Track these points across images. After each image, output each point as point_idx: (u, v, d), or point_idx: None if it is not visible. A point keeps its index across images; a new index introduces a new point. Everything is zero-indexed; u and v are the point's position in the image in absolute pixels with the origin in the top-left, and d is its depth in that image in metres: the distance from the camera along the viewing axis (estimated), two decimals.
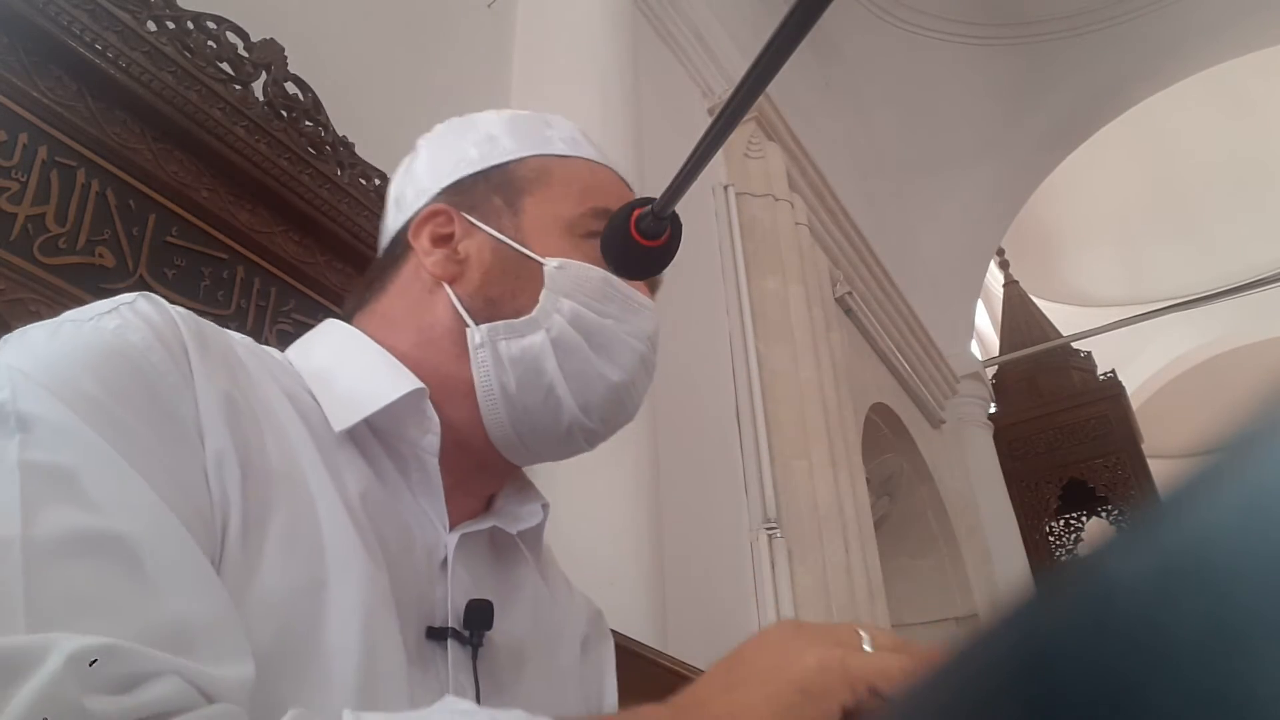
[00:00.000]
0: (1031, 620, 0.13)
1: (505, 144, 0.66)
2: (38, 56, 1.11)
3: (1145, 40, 4.58)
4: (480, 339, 0.58)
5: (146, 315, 0.47)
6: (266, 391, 0.52)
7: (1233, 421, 0.12)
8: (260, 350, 0.57)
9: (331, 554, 0.48)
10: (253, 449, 0.47)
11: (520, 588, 0.63)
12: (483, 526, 0.60)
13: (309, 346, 0.62)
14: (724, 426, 2.61)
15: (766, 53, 0.40)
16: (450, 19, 2.03)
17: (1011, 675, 0.12)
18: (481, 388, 0.58)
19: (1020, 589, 0.13)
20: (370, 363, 0.59)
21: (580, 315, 0.59)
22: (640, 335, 0.61)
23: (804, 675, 0.41)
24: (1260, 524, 0.11)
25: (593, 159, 0.67)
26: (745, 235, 2.96)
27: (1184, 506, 0.12)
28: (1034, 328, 5.71)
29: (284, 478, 0.48)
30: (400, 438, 0.57)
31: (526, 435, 0.59)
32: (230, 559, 0.43)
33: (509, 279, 0.60)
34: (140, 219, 1.19)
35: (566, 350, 0.58)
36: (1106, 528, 5.14)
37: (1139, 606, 0.11)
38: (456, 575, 0.56)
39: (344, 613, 0.46)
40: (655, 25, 2.89)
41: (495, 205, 0.63)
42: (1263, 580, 0.10)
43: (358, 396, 0.55)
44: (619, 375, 0.60)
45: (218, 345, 0.51)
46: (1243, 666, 0.10)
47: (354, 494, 0.52)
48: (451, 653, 0.53)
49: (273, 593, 0.44)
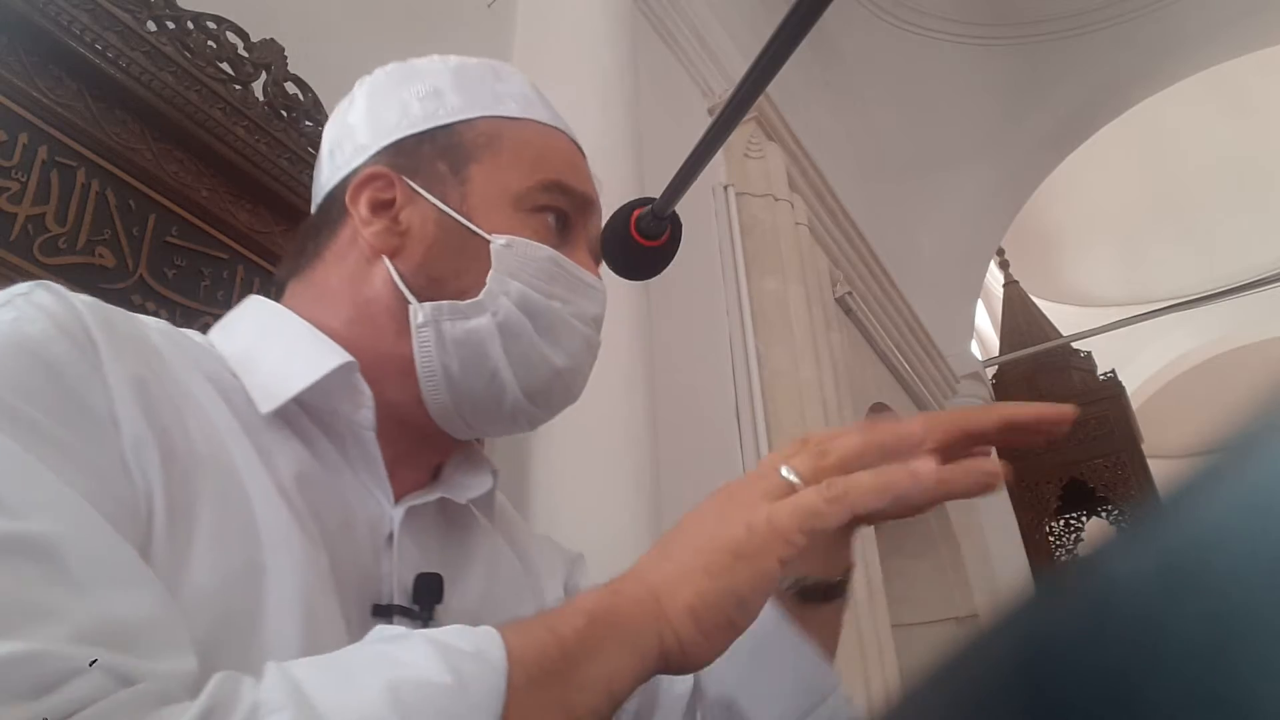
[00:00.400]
0: (1032, 620, 0.13)
1: (452, 101, 0.62)
2: (38, 56, 1.11)
3: (1145, 40, 4.58)
4: (423, 318, 0.56)
5: (44, 305, 0.45)
6: (185, 376, 0.50)
7: (1233, 421, 0.12)
8: (179, 334, 0.55)
9: (266, 537, 0.46)
10: (173, 434, 0.45)
11: (475, 556, 0.61)
12: (429, 498, 0.58)
13: (231, 327, 0.59)
14: (724, 426, 2.61)
15: (766, 53, 0.40)
16: (450, 19, 2.03)
17: (1012, 675, 0.12)
18: (423, 368, 0.56)
19: (1020, 589, 0.13)
20: (294, 339, 0.56)
21: (527, 298, 0.57)
22: (586, 318, 0.60)
23: (734, 540, 0.43)
24: (1260, 524, 0.11)
25: (545, 121, 0.64)
26: (745, 235, 2.96)
27: (1184, 506, 0.12)
28: (1034, 328, 5.71)
29: (210, 462, 0.46)
30: (334, 414, 0.55)
31: (469, 414, 0.58)
32: (158, 549, 0.42)
33: (453, 255, 0.58)
34: (140, 219, 1.19)
35: (512, 334, 0.57)
36: (1106, 528, 5.13)
37: (1139, 606, 0.11)
38: (404, 549, 0.54)
39: (282, 597, 0.44)
40: (655, 25, 2.89)
41: (440, 172, 0.60)
42: (1262, 580, 0.10)
43: (283, 376, 0.53)
44: (564, 360, 0.59)
45: (127, 331, 0.48)
46: (1242, 666, 0.10)
47: (286, 475, 0.50)
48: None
49: (207, 581, 0.42)
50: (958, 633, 3.93)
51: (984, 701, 0.13)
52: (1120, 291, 7.26)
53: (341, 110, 0.67)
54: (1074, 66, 4.65)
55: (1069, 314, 6.82)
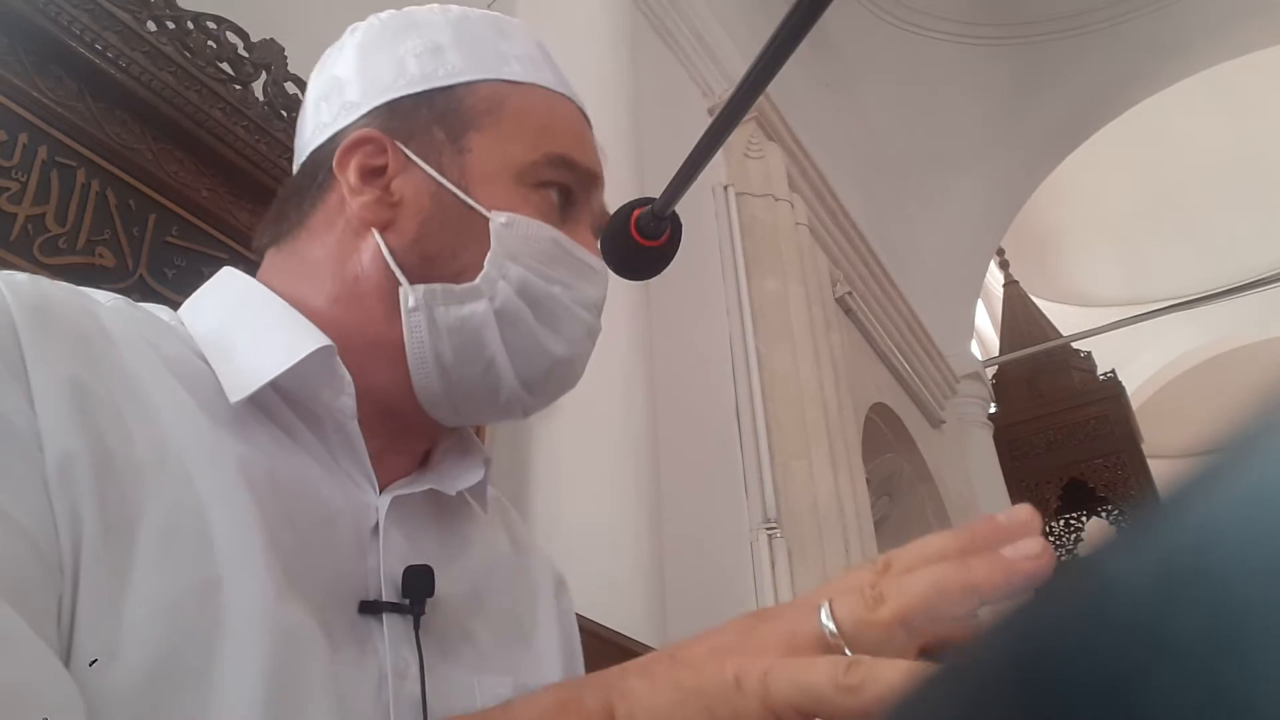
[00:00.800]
0: (1032, 620, 0.13)
1: (452, 60, 0.57)
2: (38, 56, 1.11)
3: (1145, 40, 4.58)
4: (415, 302, 0.52)
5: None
6: (139, 367, 0.45)
7: (1233, 421, 0.12)
8: (140, 313, 0.50)
9: (223, 548, 0.41)
10: (110, 443, 0.40)
11: (468, 545, 0.58)
12: (417, 489, 0.54)
13: (201, 304, 0.55)
14: (724, 426, 2.61)
15: (766, 53, 0.40)
16: None
17: (1011, 675, 0.12)
18: (414, 355, 0.52)
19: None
20: (269, 320, 0.52)
21: (527, 283, 0.53)
22: (588, 304, 0.56)
23: (715, 687, 0.36)
24: (1260, 524, 0.11)
25: (550, 86, 0.59)
26: (745, 235, 2.96)
27: (1184, 506, 0.12)
28: (1034, 328, 5.71)
29: (156, 469, 0.41)
30: (313, 400, 0.50)
31: (460, 403, 0.54)
32: (90, 573, 0.37)
33: (449, 232, 0.53)
34: (140, 219, 1.19)
35: (510, 322, 0.52)
36: (1106, 528, 5.14)
37: (1139, 606, 0.11)
38: (390, 541, 0.51)
39: (243, 611, 0.40)
40: (655, 25, 2.89)
41: (437, 139, 0.55)
42: (1263, 580, 0.10)
43: (256, 361, 0.48)
44: (564, 350, 0.55)
45: (66, 320, 0.43)
46: (1244, 666, 0.10)
47: (256, 471, 0.45)
48: (388, 626, 0.48)
49: (152, 602, 0.38)
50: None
51: (984, 701, 0.13)
52: (1120, 291, 7.26)
53: (329, 59, 0.62)
54: (1074, 66, 4.66)
55: (1069, 314, 6.82)
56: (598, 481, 1.70)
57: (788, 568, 2.42)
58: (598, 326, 0.58)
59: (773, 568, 2.41)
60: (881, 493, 4.07)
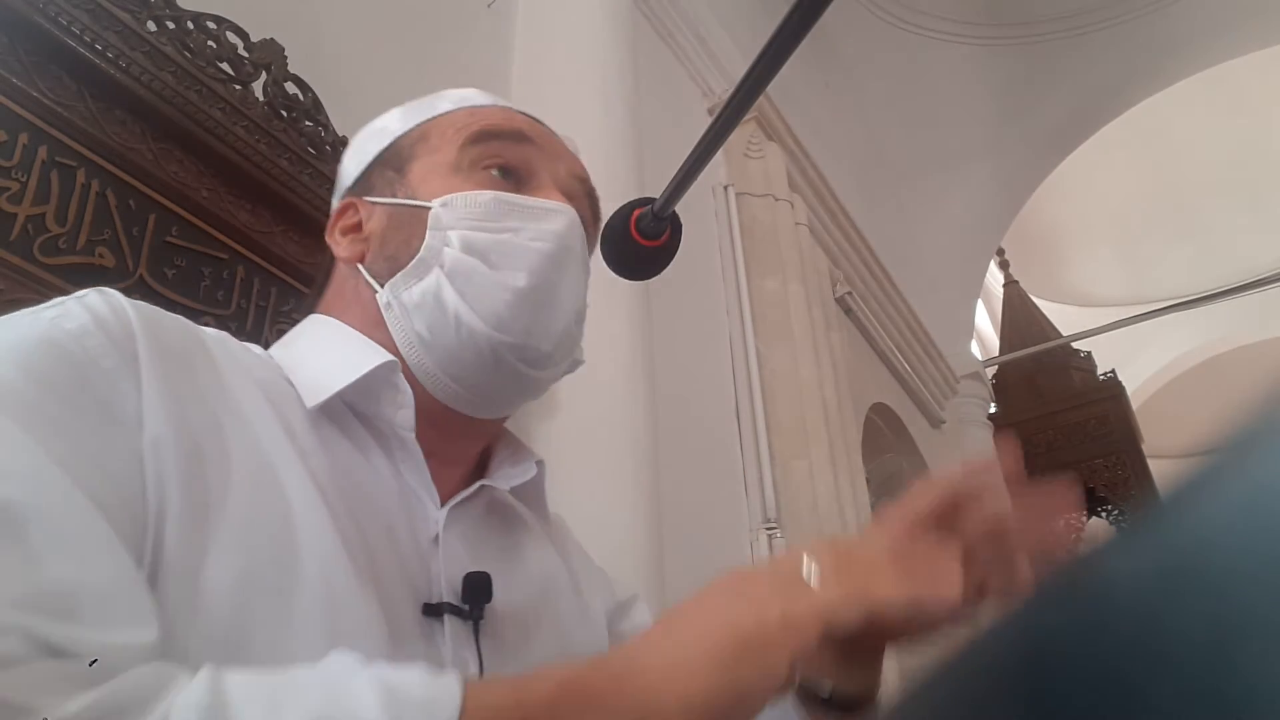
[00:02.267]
0: (1033, 619, 0.13)
1: (394, 127, 0.67)
2: (38, 56, 1.10)
3: (1145, 40, 4.57)
4: (386, 297, 0.59)
5: (91, 305, 0.47)
6: (231, 378, 0.51)
7: (1233, 421, 0.12)
8: (237, 345, 0.57)
9: (302, 535, 0.46)
10: (203, 432, 0.46)
11: (524, 553, 0.62)
12: (471, 491, 0.59)
13: (289, 340, 0.63)
14: (724, 426, 2.60)
15: (766, 53, 0.40)
16: (450, 19, 2.03)
17: (1013, 673, 0.12)
18: (403, 345, 0.58)
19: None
20: (343, 342, 0.59)
21: (470, 240, 0.58)
22: (545, 235, 0.60)
23: (742, 630, 0.40)
24: (1259, 523, 0.11)
25: (479, 105, 0.68)
26: (745, 235, 2.95)
27: (1184, 506, 0.12)
28: (1034, 328, 5.71)
29: (242, 458, 0.47)
30: (377, 415, 0.56)
31: (463, 378, 0.58)
32: (172, 543, 0.42)
33: (403, 232, 0.60)
34: (140, 219, 1.19)
35: (463, 277, 0.57)
36: (1106, 528, 5.14)
37: (1139, 605, 0.11)
38: (450, 549, 0.55)
39: (314, 595, 0.44)
40: (655, 25, 2.88)
41: (387, 178, 0.64)
42: (1262, 579, 0.10)
43: (330, 373, 0.55)
44: (524, 280, 0.58)
45: (175, 334, 0.50)
46: (1242, 664, 0.10)
47: (328, 477, 0.50)
48: (449, 628, 0.51)
49: (230, 571, 0.43)
50: (957, 633, 3.92)
51: (984, 700, 0.13)
52: (1120, 291, 7.26)
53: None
54: (1074, 66, 4.65)
55: (1069, 314, 6.82)
56: (597, 481, 1.70)
57: None
58: (572, 251, 0.61)
59: None
60: (881, 493, 4.06)
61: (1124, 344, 6.05)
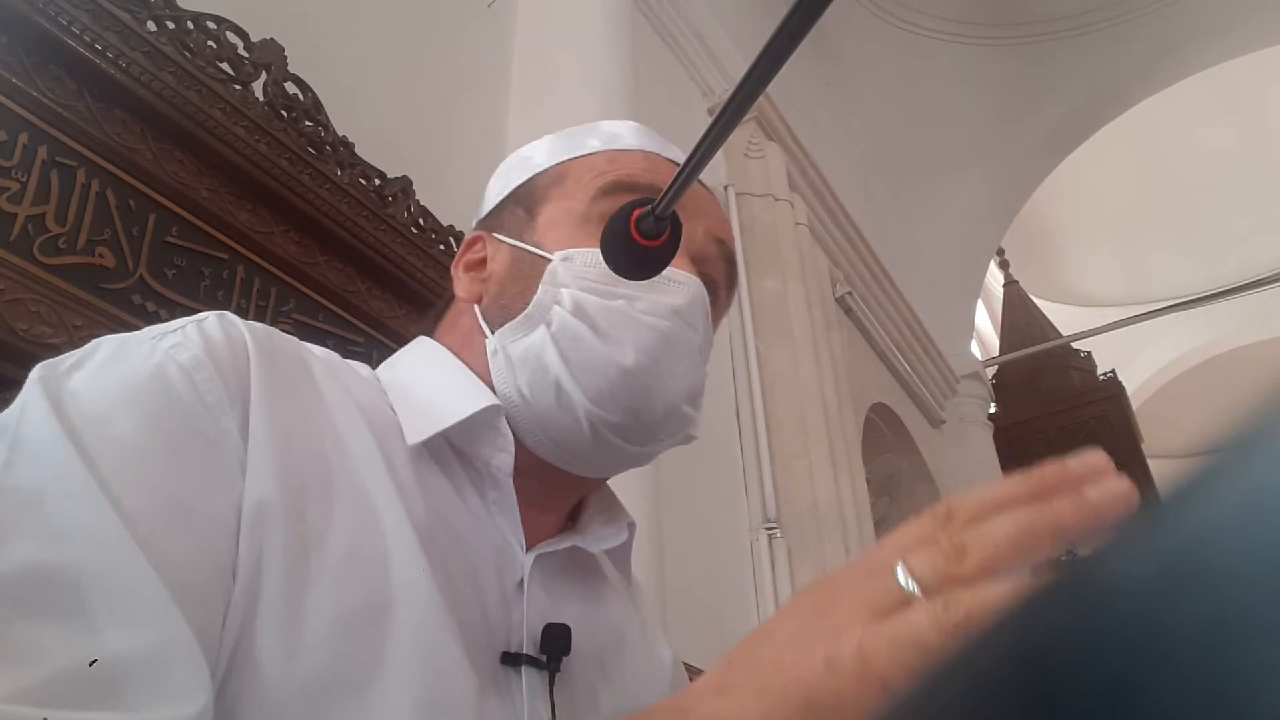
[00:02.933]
0: (1031, 620, 0.13)
1: (537, 161, 0.64)
2: (38, 56, 1.11)
3: (1145, 40, 4.58)
4: (494, 346, 0.57)
5: (209, 334, 0.47)
6: (337, 410, 0.51)
7: (1233, 421, 0.12)
8: (343, 367, 0.56)
9: (397, 576, 0.45)
10: (309, 468, 0.46)
11: (603, 610, 0.61)
12: (561, 546, 0.57)
13: (396, 363, 0.62)
14: (724, 426, 2.61)
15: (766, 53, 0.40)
16: (450, 19, 2.03)
17: (1011, 676, 0.12)
18: (504, 397, 0.56)
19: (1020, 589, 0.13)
20: (451, 378, 0.58)
21: (582, 302, 0.55)
22: (660, 311, 0.55)
23: (808, 680, 0.33)
24: (1260, 524, 0.11)
25: (625, 148, 0.63)
26: (745, 235, 2.96)
27: (1184, 506, 0.12)
28: (1034, 328, 5.71)
29: (345, 499, 0.47)
30: (476, 455, 0.55)
31: (560, 441, 0.56)
32: (271, 587, 0.42)
33: (520, 281, 0.58)
34: (140, 219, 1.19)
35: (569, 341, 0.54)
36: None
37: (1139, 607, 0.11)
38: (533, 597, 0.54)
39: (408, 638, 0.44)
40: (655, 25, 2.88)
41: (519, 217, 0.62)
42: (1262, 580, 0.10)
43: (435, 410, 0.54)
44: (632, 359, 0.54)
45: (288, 363, 0.50)
46: (1243, 667, 0.10)
47: (424, 513, 0.50)
48: (526, 679, 0.50)
49: (327, 618, 0.42)
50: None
51: (984, 701, 0.13)
52: (1120, 291, 7.26)
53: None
54: (1074, 66, 4.66)
55: (1069, 314, 6.82)
56: None
57: (788, 568, 2.42)
58: (685, 334, 0.57)
59: (773, 568, 2.41)
60: (881, 493, 4.07)
61: (1124, 344, 6.06)
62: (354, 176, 1.48)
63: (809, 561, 2.47)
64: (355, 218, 1.44)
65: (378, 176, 1.53)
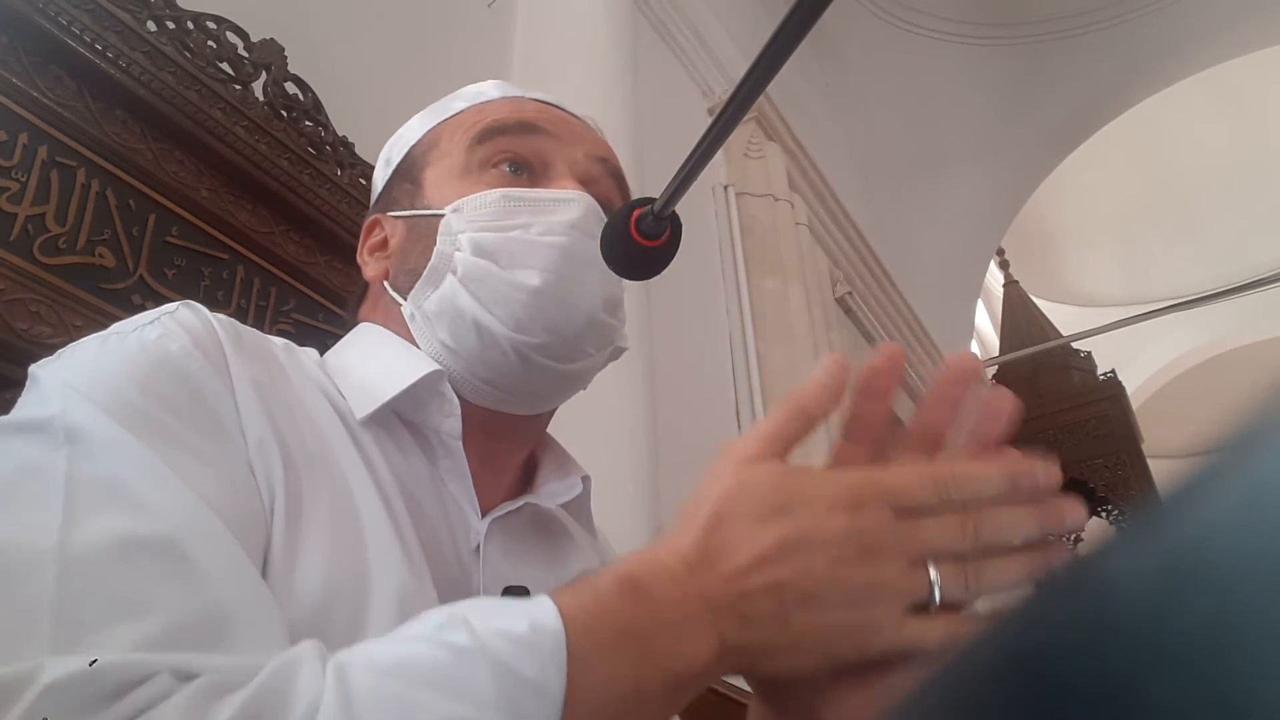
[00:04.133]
0: (1033, 620, 0.13)
1: (410, 135, 0.67)
2: (38, 56, 1.10)
3: (1145, 40, 4.58)
4: (409, 310, 0.59)
5: (186, 323, 0.49)
6: (300, 385, 0.53)
7: (1233, 421, 0.12)
8: (298, 351, 0.58)
9: (372, 542, 0.47)
10: (289, 438, 0.48)
11: (567, 566, 0.61)
12: (515, 506, 0.58)
13: (340, 348, 0.63)
14: (724, 426, 2.60)
15: (766, 53, 0.40)
16: (450, 19, 2.03)
17: (1013, 675, 0.12)
18: (429, 353, 0.58)
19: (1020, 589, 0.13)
20: (393, 351, 0.59)
21: (480, 242, 0.57)
22: (556, 229, 0.58)
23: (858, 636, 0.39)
24: (1260, 523, 0.11)
25: (491, 98, 0.66)
26: (745, 235, 2.95)
27: (1184, 506, 0.12)
28: (1034, 328, 5.70)
29: (321, 461, 0.49)
30: (424, 423, 0.56)
31: (494, 380, 0.57)
32: (275, 549, 0.44)
33: (420, 243, 0.60)
34: (140, 219, 1.19)
35: (476, 281, 0.56)
36: (1106, 528, 5.14)
37: (1139, 606, 0.11)
38: (491, 561, 0.54)
39: (384, 606, 0.45)
40: (655, 25, 2.88)
41: (406, 190, 0.64)
42: (1263, 579, 0.10)
43: (379, 383, 0.55)
44: (539, 278, 0.56)
45: (253, 344, 0.52)
46: (1244, 665, 0.10)
47: (385, 480, 0.51)
48: None
49: (314, 583, 0.44)
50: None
51: (984, 701, 0.13)
52: (1120, 291, 7.26)
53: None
54: (1074, 66, 4.65)
55: (1069, 314, 6.82)
56: (597, 481, 1.69)
57: None
58: (581, 242, 0.58)
59: None
60: None
61: (1124, 344, 6.05)
62: (354, 176, 1.48)
63: None
64: (355, 218, 1.44)
65: None
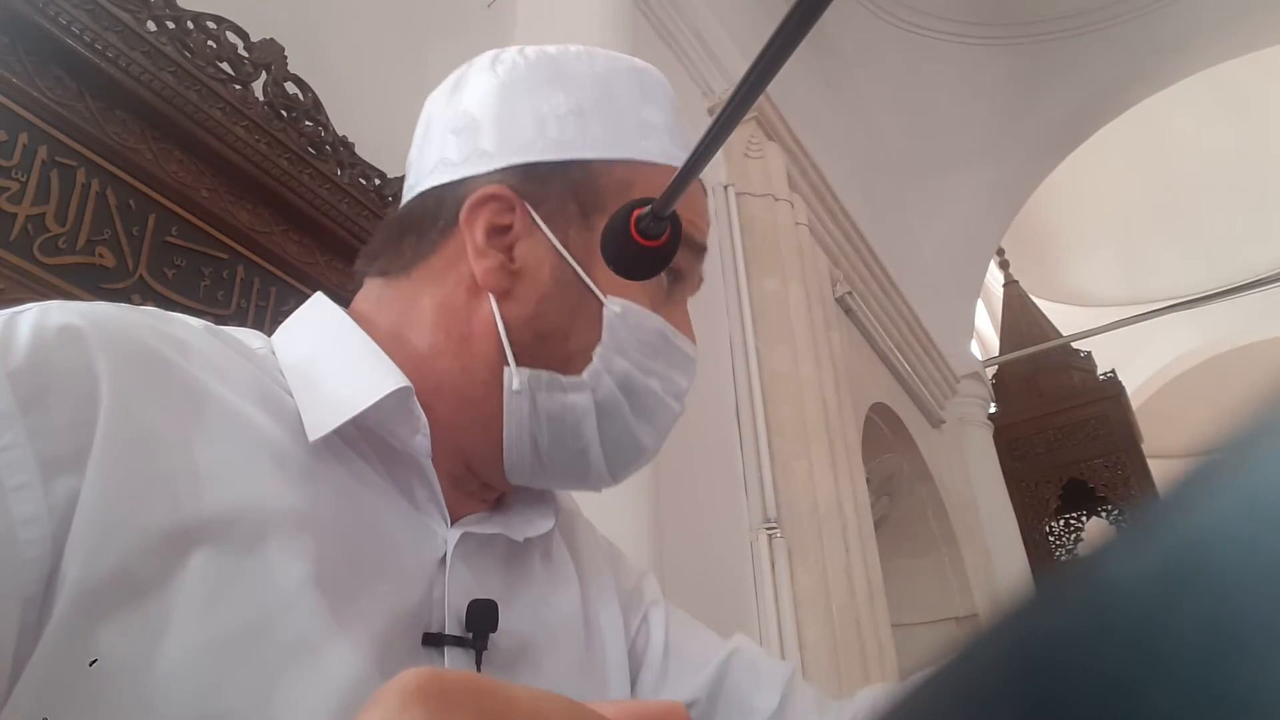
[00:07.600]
0: (1031, 621, 0.13)
1: (594, 132, 0.55)
2: (38, 56, 1.11)
3: (1145, 40, 4.58)
4: (519, 385, 0.51)
5: (13, 338, 0.39)
6: (212, 406, 0.44)
7: (1233, 421, 0.12)
8: (231, 343, 0.49)
9: (280, 587, 0.41)
10: (158, 492, 0.39)
11: (532, 583, 0.57)
12: (485, 531, 0.53)
13: (293, 331, 0.54)
14: (724, 426, 2.61)
15: (766, 53, 0.40)
16: (450, 19, 2.03)
17: (1010, 677, 0.12)
18: (510, 434, 0.52)
19: (1020, 589, 0.13)
20: (353, 357, 0.51)
21: (629, 377, 0.53)
22: (678, 393, 0.56)
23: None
24: (1260, 524, 0.11)
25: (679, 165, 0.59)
26: (745, 235, 2.95)
27: (1184, 507, 0.12)
28: (1034, 328, 5.71)
29: (221, 522, 0.41)
30: (390, 434, 0.50)
31: (545, 478, 0.55)
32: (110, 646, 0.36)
33: (565, 314, 0.52)
34: (140, 219, 1.19)
35: (608, 415, 0.53)
36: (1106, 528, 5.13)
37: (1139, 607, 0.11)
38: (457, 574, 0.50)
39: (294, 650, 0.40)
40: (655, 25, 2.88)
41: (569, 211, 0.53)
42: (1263, 581, 0.10)
43: (336, 399, 0.48)
44: (652, 441, 0.55)
45: (141, 362, 0.42)
46: (1244, 668, 0.10)
47: (322, 502, 0.45)
48: (450, 660, 0.47)
49: (193, 649, 0.38)
50: (958, 633, 3.93)
51: (983, 703, 0.13)
52: (1120, 291, 7.26)
53: (464, 84, 0.57)
54: (1074, 66, 4.66)
55: (1069, 314, 6.82)
56: None
57: (788, 568, 2.42)
58: (682, 412, 0.57)
59: (773, 568, 2.40)
60: (881, 493, 4.07)
61: (1124, 344, 6.06)
62: (354, 176, 1.48)
63: (809, 561, 2.47)
64: (355, 217, 1.44)
65: (378, 176, 1.53)
